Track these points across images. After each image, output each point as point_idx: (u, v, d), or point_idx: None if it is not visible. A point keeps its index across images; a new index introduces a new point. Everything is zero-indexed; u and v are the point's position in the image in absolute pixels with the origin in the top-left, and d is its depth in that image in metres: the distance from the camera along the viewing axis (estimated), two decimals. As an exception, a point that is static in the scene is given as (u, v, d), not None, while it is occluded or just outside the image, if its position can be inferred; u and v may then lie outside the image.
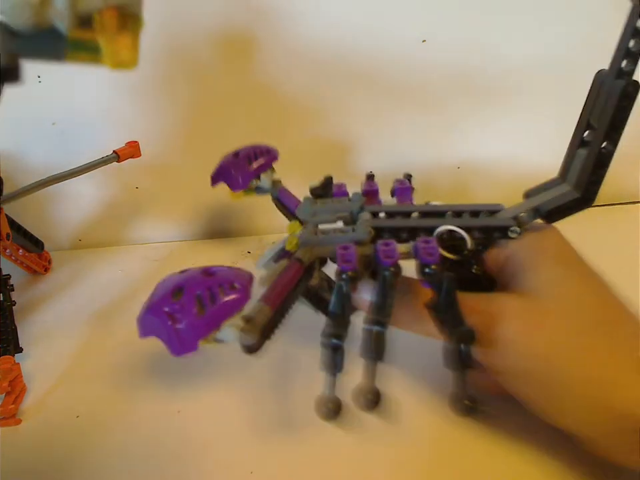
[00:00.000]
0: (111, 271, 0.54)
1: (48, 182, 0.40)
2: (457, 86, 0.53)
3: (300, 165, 0.48)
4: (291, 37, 0.49)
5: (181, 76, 0.51)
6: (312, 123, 0.54)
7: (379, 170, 0.38)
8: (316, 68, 0.51)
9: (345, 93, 0.53)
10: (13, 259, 0.48)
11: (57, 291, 0.50)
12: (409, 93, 0.53)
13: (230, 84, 0.52)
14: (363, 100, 0.53)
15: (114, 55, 0.15)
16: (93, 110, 0.52)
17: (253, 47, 0.50)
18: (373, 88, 0.53)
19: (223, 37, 0.49)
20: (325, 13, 0.49)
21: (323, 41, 0.50)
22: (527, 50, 0.51)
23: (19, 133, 0.52)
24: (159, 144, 0.53)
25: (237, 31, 0.49)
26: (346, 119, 0.54)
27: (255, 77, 0.51)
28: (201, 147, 0.54)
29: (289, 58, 0.51)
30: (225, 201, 0.59)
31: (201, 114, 0.53)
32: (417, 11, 0.49)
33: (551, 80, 0.53)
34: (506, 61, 0.52)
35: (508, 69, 0.52)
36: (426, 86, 0.53)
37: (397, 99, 0.53)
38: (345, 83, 0.52)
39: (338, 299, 0.24)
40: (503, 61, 0.52)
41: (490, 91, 0.53)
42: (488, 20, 0.50)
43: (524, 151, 0.56)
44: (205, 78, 0.52)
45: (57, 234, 0.58)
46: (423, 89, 0.53)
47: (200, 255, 0.56)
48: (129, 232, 0.60)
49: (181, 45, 0.50)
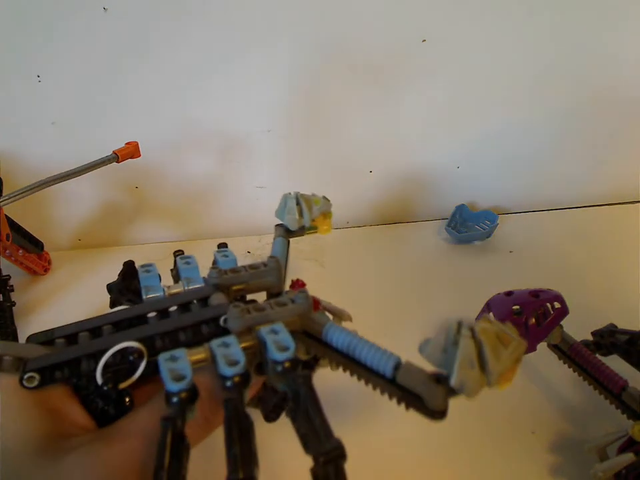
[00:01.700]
0: (110, 271, 0.53)
1: (48, 182, 0.40)
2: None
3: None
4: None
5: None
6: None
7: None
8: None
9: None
10: (12, 259, 0.48)
11: (56, 291, 0.50)
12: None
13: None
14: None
15: (324, 232, 0.33)
16: (93, 110, 0.52)
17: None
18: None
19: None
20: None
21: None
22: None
23: (19, 132, 0.52)
24: (159, 144, 0.53)
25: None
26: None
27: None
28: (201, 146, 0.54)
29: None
30: (224, 201, 0.59)
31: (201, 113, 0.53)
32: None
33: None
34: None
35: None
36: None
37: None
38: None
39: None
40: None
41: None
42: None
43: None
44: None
45: (57, 234, 0.58)
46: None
47: (200, 255, 0.56)
48: (129, 232, 0.60)
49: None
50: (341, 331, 0.21)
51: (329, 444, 0.17)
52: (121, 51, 0.49)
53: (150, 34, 0.48)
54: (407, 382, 0.19)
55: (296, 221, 0.32)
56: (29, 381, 0.20)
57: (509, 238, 0.55)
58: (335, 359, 0.21)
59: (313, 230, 0.33)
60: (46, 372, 0.21)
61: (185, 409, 0.18)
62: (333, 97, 0.53)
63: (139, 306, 0.25)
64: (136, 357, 0.21)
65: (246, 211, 0.60)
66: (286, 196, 0.33)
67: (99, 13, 0.46)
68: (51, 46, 0.48)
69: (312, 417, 0.18)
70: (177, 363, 0.19)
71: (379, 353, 0.20)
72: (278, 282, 0.26)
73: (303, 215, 0.33)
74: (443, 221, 0.58)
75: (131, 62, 0.49)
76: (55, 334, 0.23)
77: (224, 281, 0.25)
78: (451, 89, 0.54)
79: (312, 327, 0.22)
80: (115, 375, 0.21)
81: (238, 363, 0.19)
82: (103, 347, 0.21)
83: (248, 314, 0.21)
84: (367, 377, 0.20)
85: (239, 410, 0.18)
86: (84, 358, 0.21)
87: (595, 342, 0.34)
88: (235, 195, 0.59)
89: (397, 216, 0.61)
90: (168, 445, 0.17)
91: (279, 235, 0.33)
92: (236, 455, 0.17)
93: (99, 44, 0.48)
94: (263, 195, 0.59)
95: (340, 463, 0.17)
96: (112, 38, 0.48)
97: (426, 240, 0.57)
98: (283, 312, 0.22)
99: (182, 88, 0.51)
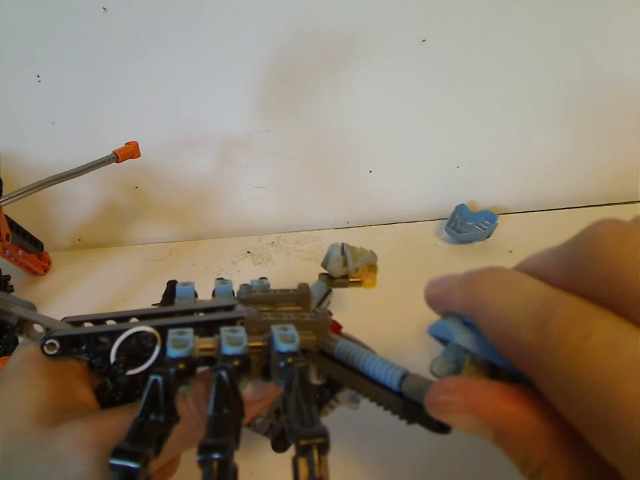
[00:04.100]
0: (110, 271, 0.54)
1: (48, 182, 0.40)
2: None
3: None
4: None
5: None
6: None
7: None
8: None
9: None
10: (12, 259, 0.48)
11: (56, 291, 0.50)
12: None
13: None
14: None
15: (368, 285, 0.34)
16: (93, 110, 0.52)
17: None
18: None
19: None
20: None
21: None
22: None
23: (19, 133, 0.52)
24: (159, 144, 0.53)
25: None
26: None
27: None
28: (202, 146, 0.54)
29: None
30: (224, 201, 0.59)
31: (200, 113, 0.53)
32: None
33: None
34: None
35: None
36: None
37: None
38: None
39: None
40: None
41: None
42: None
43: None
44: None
45: (57, 234, 0.58)
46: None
47: (200, 255, 0.56)
48: (128, 232, 0.60)
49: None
50: (349, 345, 0.21)
51: (312, 429, 0.16)
52: (121, 50, 0.49)
53: (150, 34, 0.48)
54: (413, 392, 0.18)
55: (339, 268, 0.33)
56: (50, 348, 0.22)
57: (509, 238, 0.55)
58: (343, 375, 0.21)
59: (357, 282, 0.34)
60: (66, 342, 0.22)
61: (181, 377, 0.18)
62: (333, 97, 0.53)
63: (168, 306, 0.26)
64: (150, 342, 0.22)
65: (246, 211, 0.60)
66: (332, 245, 0.34)
67: (99, 13, 0.46)
68: (51, 46, 0.48)
69: (300, 405, 0.17)
70: (182, 336, 0.20)
71: (386, 365, 0.20)
72: (305, 307, 0.26)
73: (347, 263, 0.33)
74: (442, 221, 0.58)
75: (131, 62, 0.49)
76: (85, 318, 0.25)
77: (251, 297, 0.26)
78: (451, 89, 0.54)
79: (327, 344, 0.22)
80: (128, 359, 0.22)
81: (240, 343, 0.19)
82: (121, 328, 0.22)
83: (265, 316, 0.22)
84: (374, 392, 0.20)
85: (232, 384, 0.18)
86: (102, 336, 0.22)
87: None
88: (234, 194, 0.59)
89: (396, 216, 0.61)
90: (155, 399, 0.17)
91: (321, 280, 0.34)
92: (216, 419, 0.17)
93: (98, 44, 0.48)
94: (262, 195, 0.59)
95: (322, 452, 0.15)
96: (112, 38, 0.48)
97: (426, 240, 0.57)
98: (298, 320, 0.22)
99: (182, 88, 0.51)
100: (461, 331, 0.17)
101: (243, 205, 0.59)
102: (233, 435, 0.16)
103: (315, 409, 0.17)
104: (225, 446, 0.15)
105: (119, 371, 0.22)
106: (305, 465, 0.15)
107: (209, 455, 0.15)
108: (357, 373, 0.21)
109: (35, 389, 0.21)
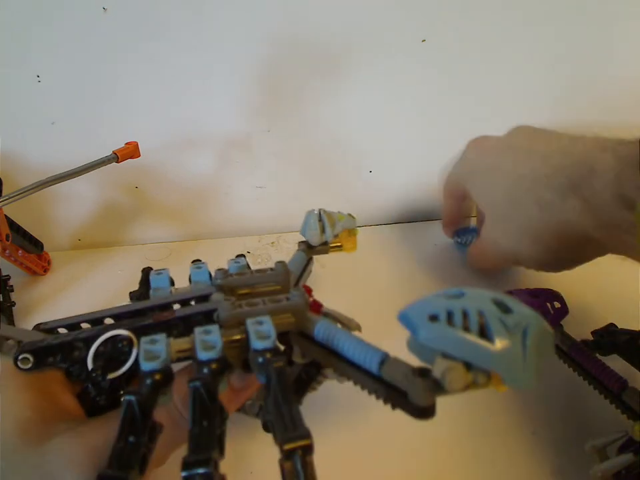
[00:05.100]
0: (110, 271, 0.53)
1: (48, 182, 0.40)
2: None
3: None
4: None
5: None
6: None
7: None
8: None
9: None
10: (12, 259, 0.48)
11: (56, 291, 0.50)
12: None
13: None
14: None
15: (348, 250, 0.34)
16: (93, 110, 0.52)
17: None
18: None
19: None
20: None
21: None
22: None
23: (19, 133, 0.52)
24: (159, 144, 0.53)
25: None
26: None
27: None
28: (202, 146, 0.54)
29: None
30: (224, 201, 0.59)
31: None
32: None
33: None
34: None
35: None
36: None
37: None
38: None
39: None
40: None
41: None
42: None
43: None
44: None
45: (57, 234, 0.58)
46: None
47: (200, 255, 0.56)
48: (128, 232, 0.59)
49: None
50: (329, 327, 0.21)
51: (294, 432, 0.16)
52: (121, 50, 0.49)
53: (150, 34, 0.48)
54: (392, 376, 0.18)
55: (317, 236, 0.32)
56: (24, 362, 0.21)
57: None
58: (325, 358, 0.21)
59: (337, 247, 0.33)
60: (40, 354, 0.21)
61: (158, 389, 0.18)
62: (334, 97, 0.53)
63: (142, 301, 0.26)
64: (125, 345, 0.21)
65: (246, 211, 0.60)
66: (309, 212, 0.33)
67: (99, 13, 0.46)
68: (51, 46, 0.48)
69: (280, 406, 0.17)
70: (155, 345, 0.19)
71: (365, 349, 0.19)
72: (284, 286, 0.26)
73: (325, 230, 0.32)
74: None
75: (131, 62, 0.49)
76: (59, 324, 0.24)
77: (228, 282, 0.25)
78: (451, 89, 0.54)
79: (306, 326, 0.22)
80: (106, 364, 0.21)
81: (214, 347, 0.19)
82: (95, 334, 0.22)
83: (239, 308, 0.21)
84: (355, 375, 0.20)
85: (209, 394, 0.18)
86: (77, 343, 0.22)
87: (594, 342, 0.34)
88: (234, 194, 0.59)
89: (396, 216, 0.61)
90: (132, 420, 0.17)
91: (300, 249, 0.33)
92: (196, 434, 0.17)
93: (99, 44, 0.48)
94: (262, 195, 0.59)
95: (307, 454, 0.16)
96: (112, 38, 0.48)
97: (426, 240, 0.57)
98: (274, 307, 0.22)
99: (182, 88, 0.51)
100: (422, 324, 0.18)
101: (242, 205, 0.59)
102: (216, 446, 0.16)
103: (296, 410, 0.17)
104: (208, 460, 0.15)
105: (98, 377, 0.21)
106: (291, 467, 0.15)
107: (193, 470, 0.15)
108: (337, 356, 0.20)
109: (17, 405, 0.20)
